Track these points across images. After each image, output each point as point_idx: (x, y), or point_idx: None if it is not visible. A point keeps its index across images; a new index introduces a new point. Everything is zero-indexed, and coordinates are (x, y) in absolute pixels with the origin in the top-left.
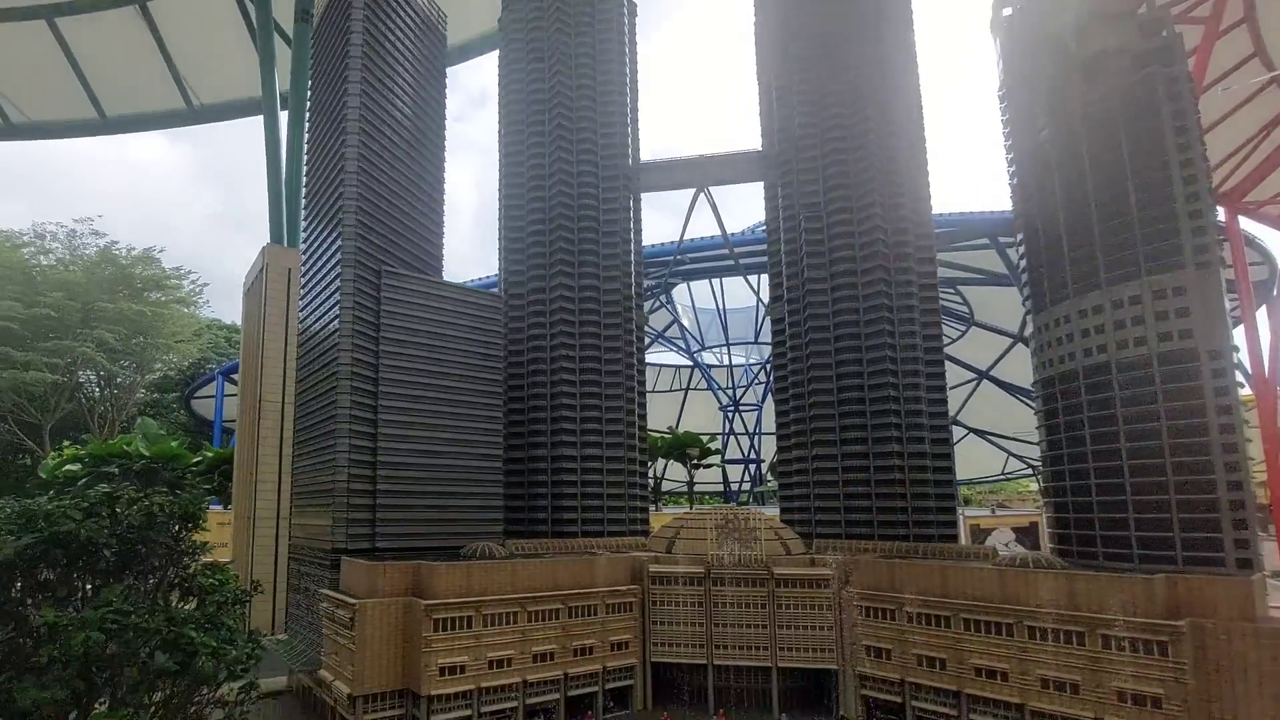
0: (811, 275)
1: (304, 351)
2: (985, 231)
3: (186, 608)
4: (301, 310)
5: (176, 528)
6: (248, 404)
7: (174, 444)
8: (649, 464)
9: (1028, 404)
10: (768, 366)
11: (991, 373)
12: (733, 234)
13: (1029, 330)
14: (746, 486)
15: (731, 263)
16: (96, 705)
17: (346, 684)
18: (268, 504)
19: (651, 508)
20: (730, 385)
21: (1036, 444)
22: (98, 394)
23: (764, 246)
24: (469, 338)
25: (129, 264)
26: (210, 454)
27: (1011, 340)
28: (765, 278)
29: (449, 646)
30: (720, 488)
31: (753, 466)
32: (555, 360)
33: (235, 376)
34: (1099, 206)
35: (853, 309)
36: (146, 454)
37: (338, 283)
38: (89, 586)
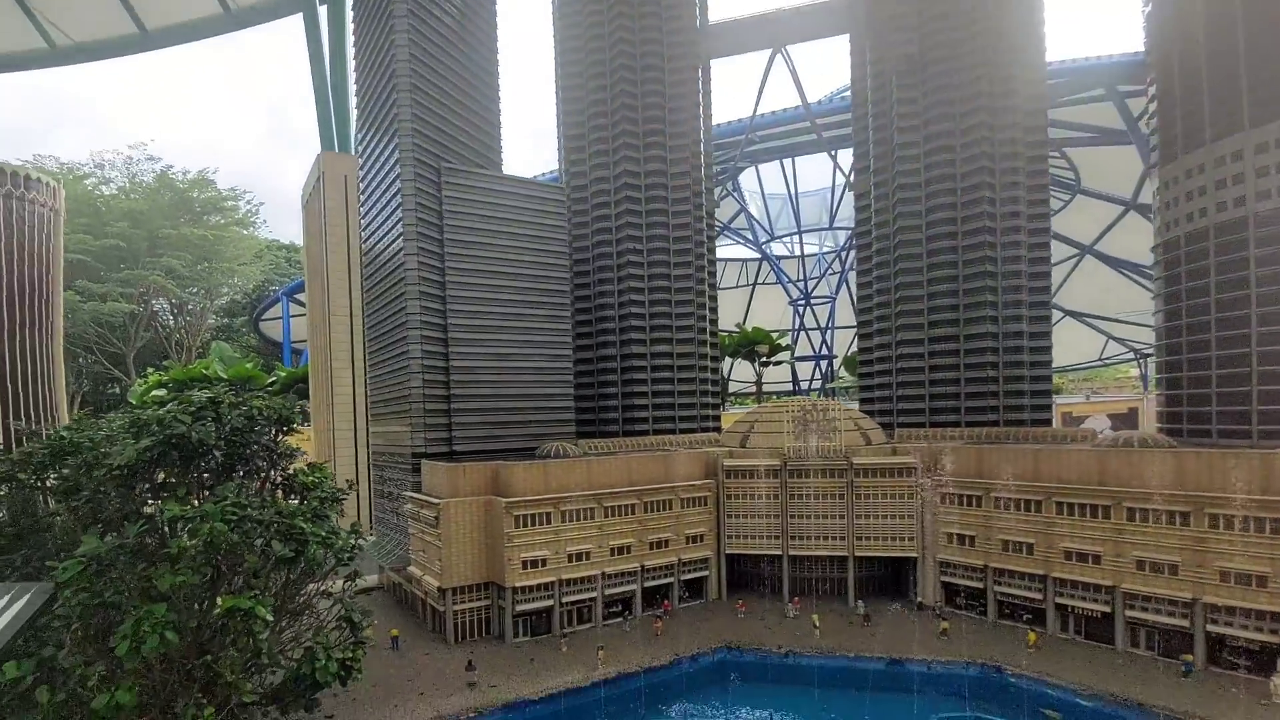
0: (903, 140)
1: (369, 260)
2: (1102, 80)
3: (291, 504)
4: (363, 217)
5: (273, 430)
6: (317, 318)
7: (248, 366)
8: (719, 361)
9: (1135, 280)
10: (843, 253)
11: (1096, 247)
12: (812, 103)
13: (1151, 189)
14: (816, 384)
15: (811, 136)
16: (224, 591)
17: (435, 578)
18: (345, 415)
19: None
20: (801, 277)
21: (1140, 325)
22: (171, 322)
23: (847, 114)
24: (534, 234)
25: (186, 188)
26: (283, 373)
27: (1122, 208)
28: (838, 154)
29: (530, 541)
30: (789, 386)
31: (823, 363)
32: (622, 255)
33: (299, 296)
34: (1249, 37)
35: (949, 175)
36: (224, 376)
37: (398, 184)
38: (203, 486)
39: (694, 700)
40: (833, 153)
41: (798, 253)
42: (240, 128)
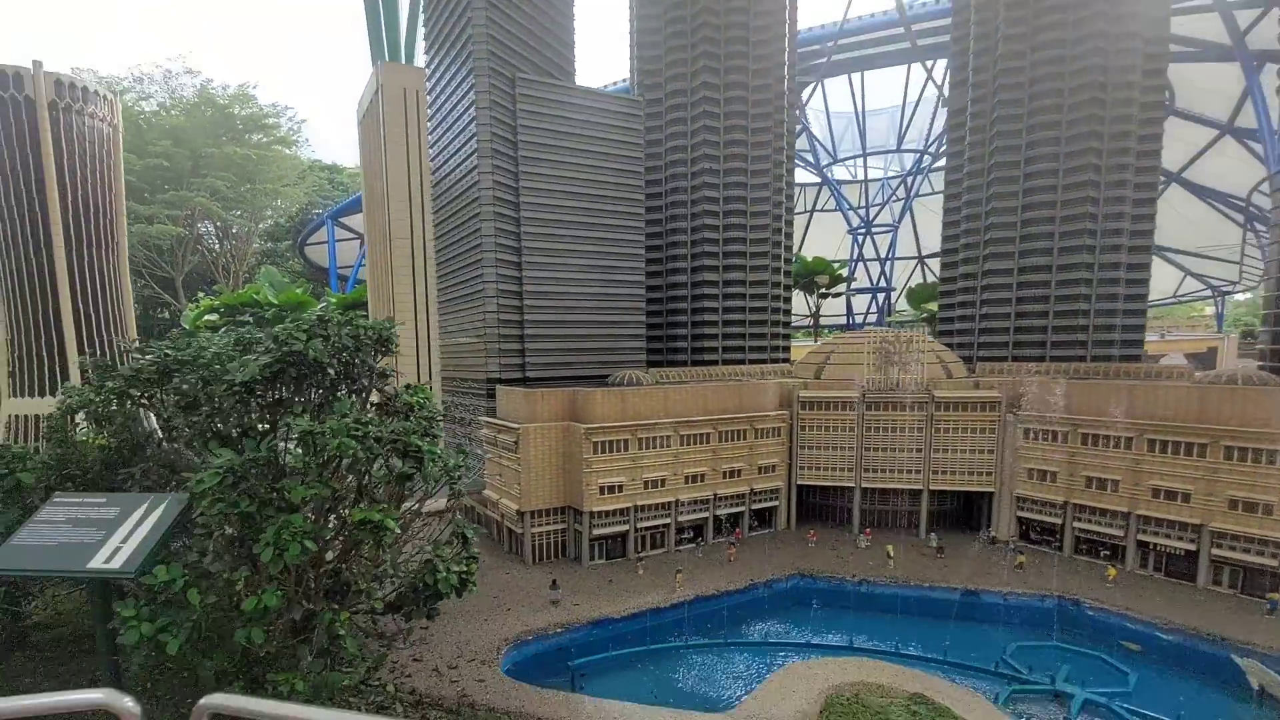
0: (1009, 50)
1: (439, 178)
2: None
3: (403, 423)
4: (431, 132)
5: (374, 351)
6: (376, 239)
7: (298, 291)
8: (791, 290)
9: (1222, 211)
10: (909, 178)
11: (1184, 175)
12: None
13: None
14: (872, 318)
15: (898, 46)
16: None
17: (514, 501)
18: (406, 340)
19: None
20: (862, 204)
21: (1226, 260)
22: (217, 246)
23: (946, 20)
24: (609, 151)
25: (226, 103)
26: (334, 299)
27: (1217, 132)
28: (921, 71)
29: (607, 467)
30: (843, 319)
31: (881, 296)
32: (697, 175)
33: (345, 219)
34: None
35: (1056, 90)
36: (275, 302)
37: (471, 96)
38: (315, 404)
39: (771, 621)
40: (927, 64)
41: (860, 177)
42: (275, 43)
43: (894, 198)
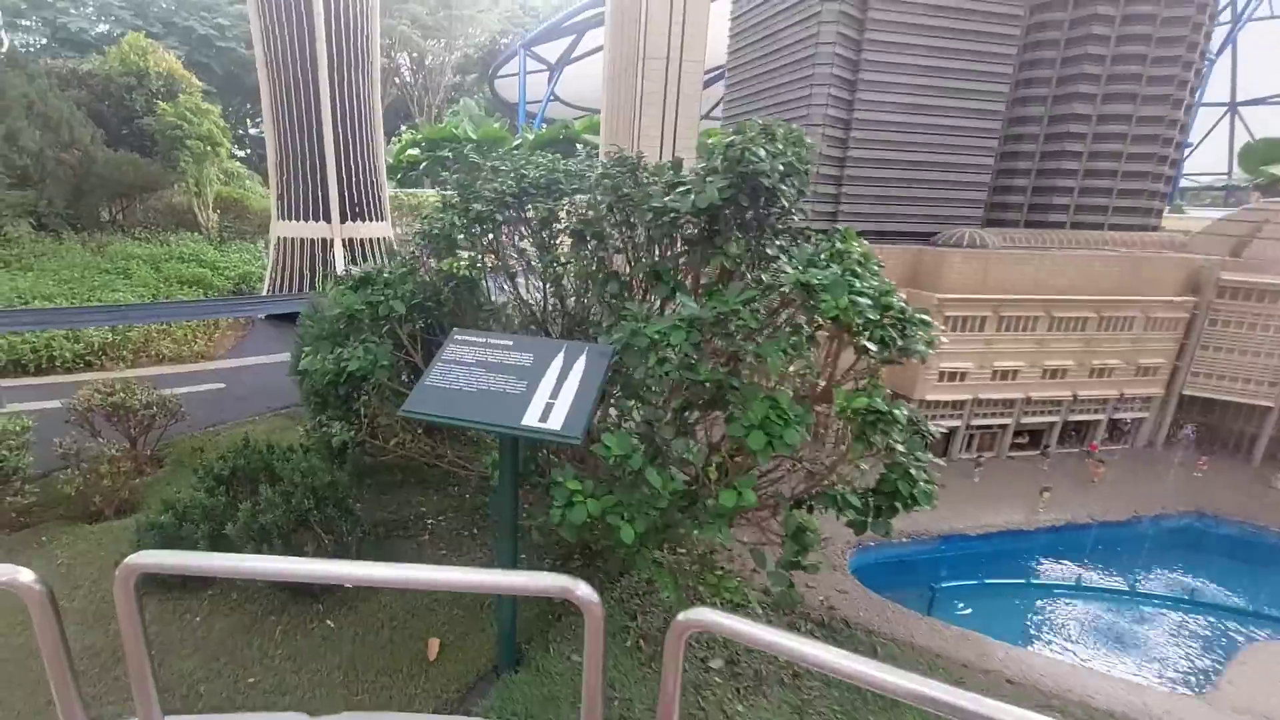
0: None
1: None
2: None
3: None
4: None
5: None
6: (621, 59)
7: (495, 126)
8: (1187, 134)
9: None
10: None
11: None
12: None
13: None
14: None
15: None
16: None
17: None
18: None
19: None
20: None
21: None
22: (410, 79)
23: None
24: None
25: None
26: (530, 135)
27: None
28: None
29: (956, 350)
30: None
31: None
32: None
33: (537, 49)
34: None
35: None
36: (474, 137)
37: None
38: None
39: (1167, 569)
40: None
41: None
42: None
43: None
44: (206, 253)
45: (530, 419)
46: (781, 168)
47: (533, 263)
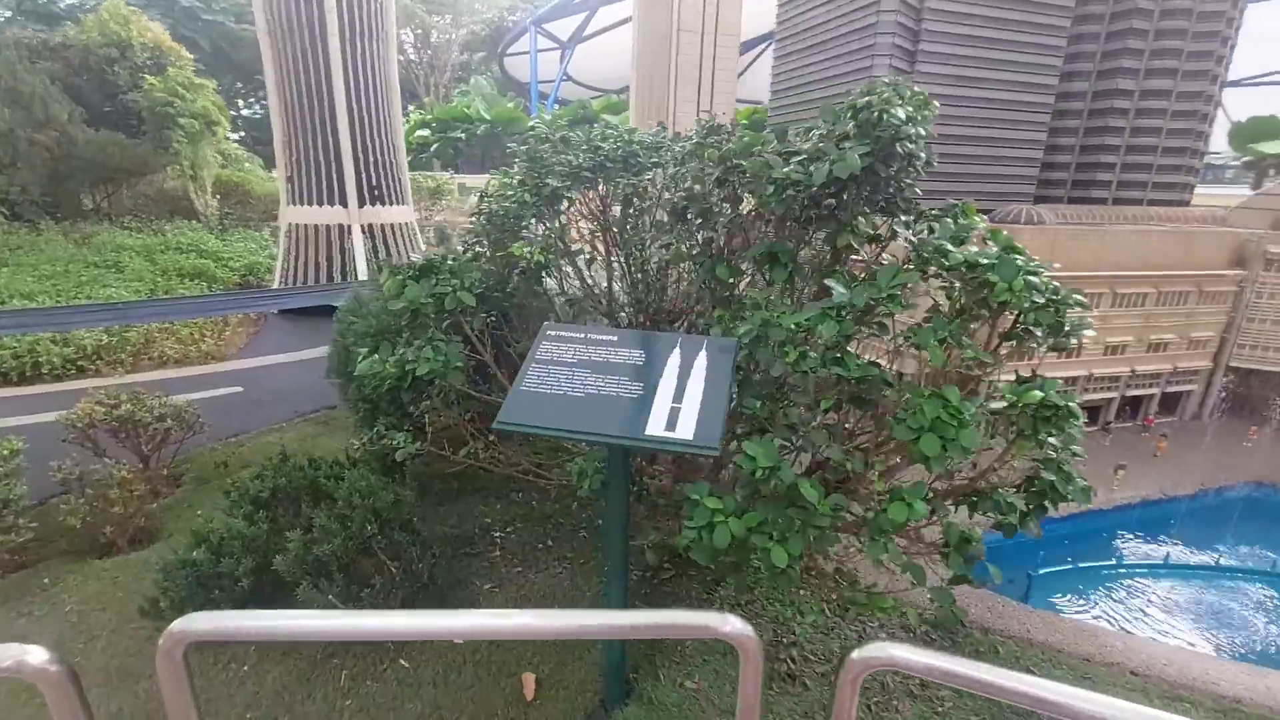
0: None
1: None
2: None
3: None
4: None
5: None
6: (652, 33)
7: (509, 105)
8: (1218, 109)
9: None
10: None
11: None
12: None
13: None
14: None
15: None
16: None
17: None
18: None
19: None
20: None
21: None
22: (414, 57)
23: None
24: None
25: None
26: (546, 116)
27: None
28: None
29: None
30: None
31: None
32: None
33: (548, 25)
34: None
35: None
36: (488, 117)
37: None
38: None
39: (1240, 542)
40: None
41: None
42: None
43: None
44: (207, 242)
45: (654, 428)
46: (923, 132)
47: (612, 245)
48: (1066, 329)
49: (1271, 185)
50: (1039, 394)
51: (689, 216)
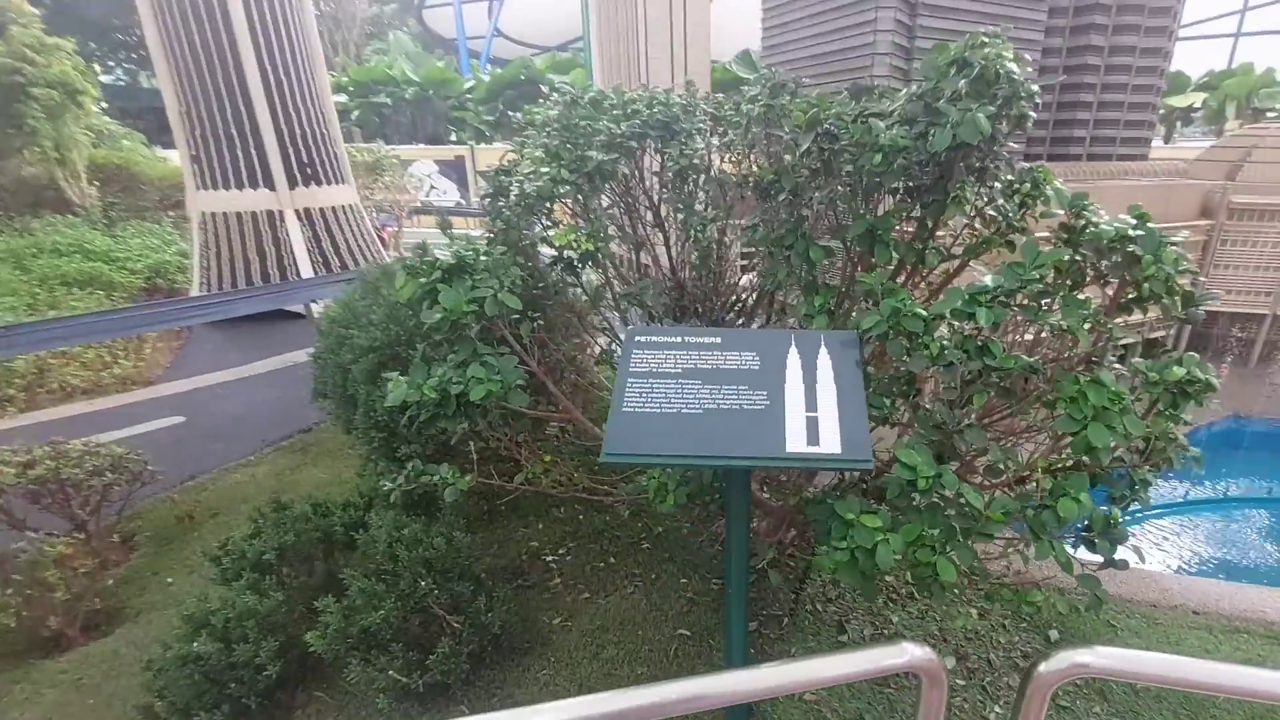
0: None
1: None
2: None
3: None
4: None
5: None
6: None
7: (439, 65)
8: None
9: None
10: None
11: None
12: None
13: None
14: None
15: None
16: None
17: None
18: None
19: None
20: None
21: None
22: (317, 9)
23: None
24: None
25: None
26: (485, 78)
27: None
28: None
29: None
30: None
31: None
32: None
33: None
34: None
35: None
36: (416, 79)
37: None
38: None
39: (1232, 474)
40: None
41: None
42: None
43: None
44: (93, 240)
45: (795, 444)
46: (1036, 89)
47: (654, 226)
48: (1195, 301)
49: (1224, 139)
50: (1180, 370)
51: (775, 194)
